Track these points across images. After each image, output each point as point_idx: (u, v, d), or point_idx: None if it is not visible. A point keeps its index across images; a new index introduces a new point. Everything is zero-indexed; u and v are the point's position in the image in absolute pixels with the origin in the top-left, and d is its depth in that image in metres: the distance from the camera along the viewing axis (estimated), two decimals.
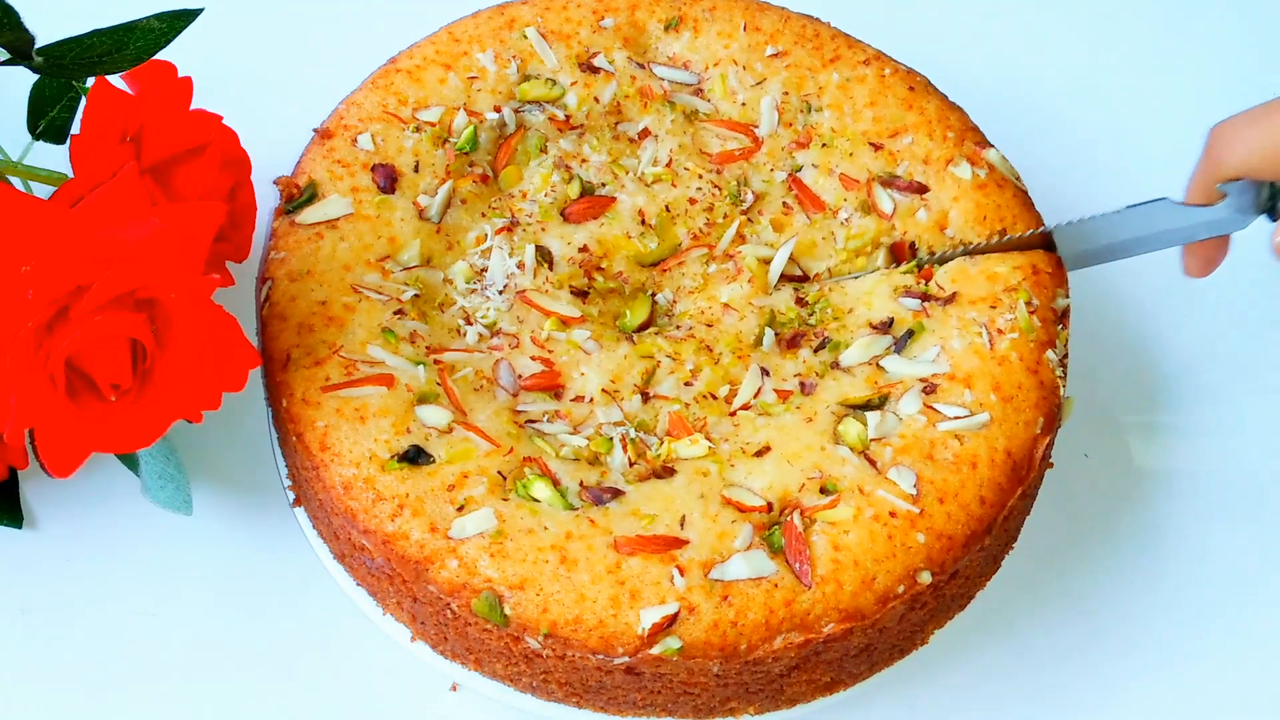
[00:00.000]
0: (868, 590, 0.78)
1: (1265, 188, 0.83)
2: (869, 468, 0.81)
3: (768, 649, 0.77)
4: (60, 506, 0.92)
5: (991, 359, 0.84)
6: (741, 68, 0.94)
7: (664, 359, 0.86)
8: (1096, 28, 1.14)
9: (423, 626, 0.83)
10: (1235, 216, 0.85)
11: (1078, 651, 0.91)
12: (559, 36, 0.94)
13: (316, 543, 0.86)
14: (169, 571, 0.91)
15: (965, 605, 0.87)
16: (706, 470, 0.81)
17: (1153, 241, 0.88)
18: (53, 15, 0.83)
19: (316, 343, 0.83)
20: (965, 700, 0.90)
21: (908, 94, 0.93)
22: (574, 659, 0.78)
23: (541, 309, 0.86)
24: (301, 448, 0.81)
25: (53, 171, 0.84)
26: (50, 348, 0.73)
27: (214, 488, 0.93)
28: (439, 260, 0.88)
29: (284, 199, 0.88)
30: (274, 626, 0.90)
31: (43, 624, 0.89)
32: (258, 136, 0.87)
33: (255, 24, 1.09)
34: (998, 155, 0.91)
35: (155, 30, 0.80)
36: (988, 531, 0.81)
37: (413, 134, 0.90)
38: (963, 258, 0.88)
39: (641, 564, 0.77)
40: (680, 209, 0.90)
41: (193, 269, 0.75)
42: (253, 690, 0.88)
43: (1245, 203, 0.84)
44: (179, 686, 0.88)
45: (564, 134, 0.92)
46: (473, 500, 0.79)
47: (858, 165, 0.91)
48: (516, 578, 0.77)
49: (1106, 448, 0.97)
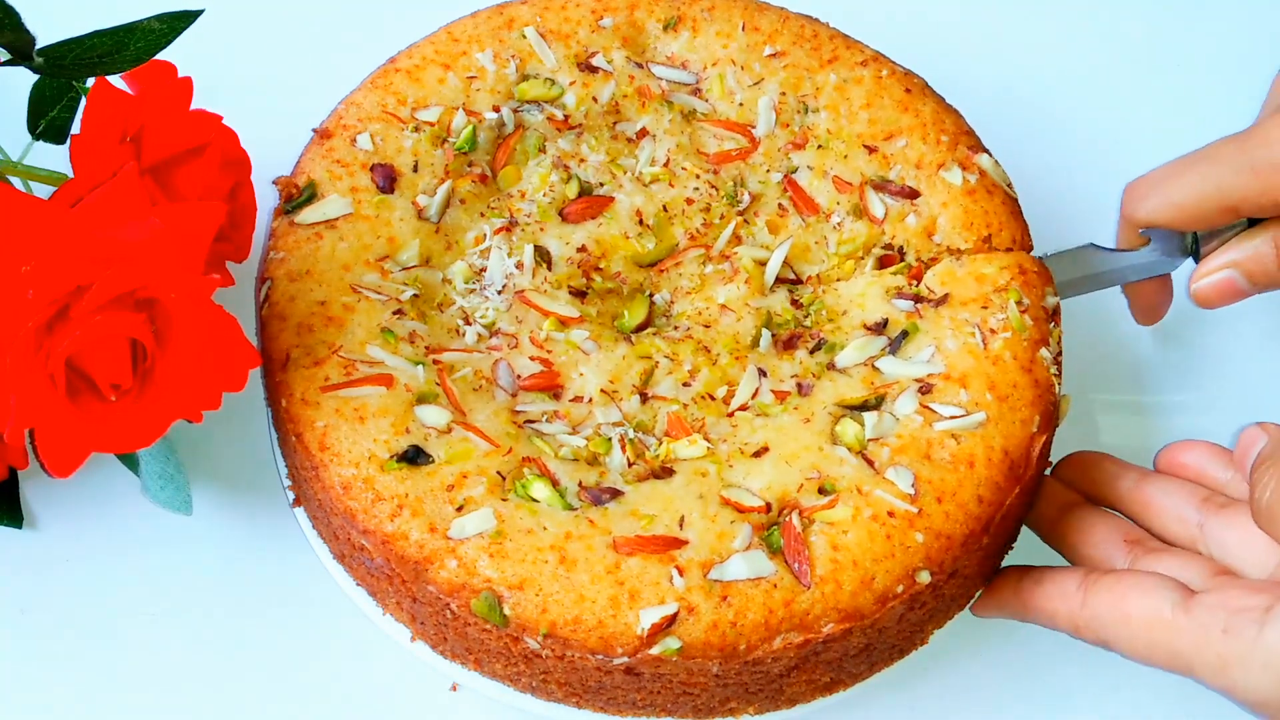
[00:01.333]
0: (867, 590, 0.78)
1: (1187, 233, 0.89)
2: (867, 468, 0.81)
3: (767, 649, 0.77)
4: (60, 506, 0.92)
5: (986, 358, 0.84)
6: (739, 68, 0.94)
7: (662, 359, 0.86)
8: (1098, 30, 1.14)
9: (422, 627, 0.83)
10: (1162, 259, 0.91)
11: (1077, 651, 0.90)
12: (558, 36, 0.94)
13: (316, 543, 0.87)
14: (169, 571, 0.91)
15: (965, 605, 0.87)
16: (705, 470, 0.81)
17: (1084, 285, 0.92)
18: (53, 15, 0.82)
19: (316, 343, 0.83)
20: (965, 700, 0.90)
21: (904, 96, 0.93)
22: (573, 659, 0.78)
23: (540, 309, 0.86)
24: (301, 448, 0.81)
25: (53, 171, 0.84)
26: (50, 348, 0.73)
27: (214, 488, 0.93)
28: (438, 260, 0.88)
29: (283, 199, 0.88)
30: (274, 627, 0.90)
31: (43, 624, 0.90)
32: (258, 136, 0.87)
33: (255, 24, 1.09)
34: (990, 161, 0.91)
35: (155, 31, 0.80)
36: (986, 530, 0.81)
37: (412, 134, 0.90)
38: (949, 259, 0.88)
39: (640, 564, 0.77)
40: (677, 209, 0.91)
41: (193, 269, 0.75)
42: (253, 690, 0.88)
43: (1170, 247, 0.90)
44: (179, 686, 0.88)
45: (562, 134, 0.92)
46: (472, 500, 0.79)
47: (852, 168, 0.91)
48: (516, 578, 0.77)
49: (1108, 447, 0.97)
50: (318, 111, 0.92)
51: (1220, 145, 0.84)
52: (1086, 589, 0.80)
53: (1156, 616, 0.76)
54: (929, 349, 0.85)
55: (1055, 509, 0.87)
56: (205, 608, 0.90)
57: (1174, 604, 0.76)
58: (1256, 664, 0.73)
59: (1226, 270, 0.87)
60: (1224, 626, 0.74)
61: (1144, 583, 0.78)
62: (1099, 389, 0.99)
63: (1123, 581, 0.79)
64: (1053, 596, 0.81)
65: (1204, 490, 0.84)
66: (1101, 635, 0.79)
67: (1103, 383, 0.99)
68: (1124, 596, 0.78)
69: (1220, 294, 0.88)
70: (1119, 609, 0.78)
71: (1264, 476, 0.77)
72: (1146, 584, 0.78)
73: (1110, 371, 1.00)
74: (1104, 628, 0.79)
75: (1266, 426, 0.80)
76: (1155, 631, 0.76)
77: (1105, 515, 0.86)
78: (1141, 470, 0.87)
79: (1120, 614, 0.78)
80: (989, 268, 0.87)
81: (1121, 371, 1.00)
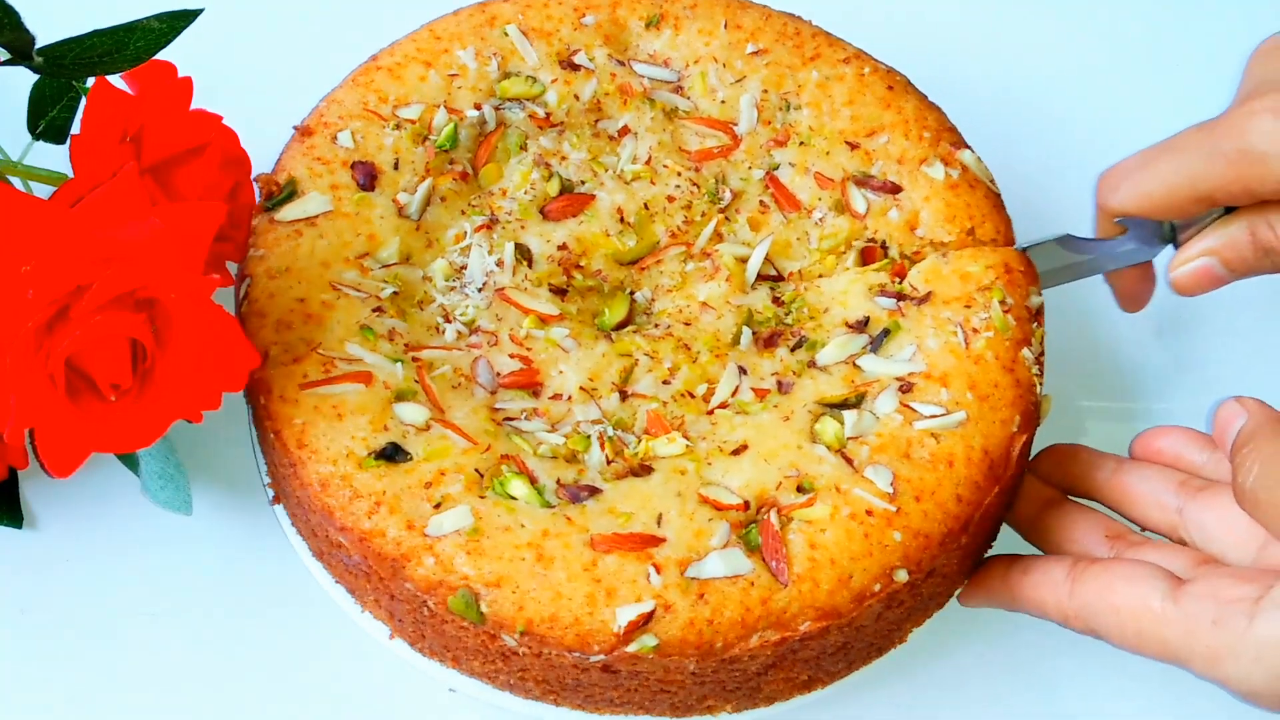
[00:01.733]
0: (844, 588, 0.78)
1: (1164, 222, 0.89)
2: (846, 466, 0.81)
3: (744, 647, 0.77)
4: (60, 506, 0.92)
5: (967, 357, 0.84)
6: (722, 65, 0.94)
7: (642, 357, 0.86)
8: (1080, 27, 1.14)
9: (400, 624, 0.83)
10: (1140, 248, 0.90)
11: (1057, 651, 0.91)
12: (540, 34, 0.94)
13: (295, 540, 0.86)
14: (169, 571, 0.91)
15: (944, 604, 0.87)
16: (684, 468, 0.81)
17: (1062, 275, 0.91)
18: (53, 15, 0.82)
19: (295, 340, 0.83)
20: (944, 698, 0.90)
21: (886, 93, 0.93)
22: (550, 657, 0.78)
23: (520, 307, 0.86)
24: (279, 445, 0.81)
25: (53, 171, 0.84)
26: (50, 348, 0.73)
27: (214, 488, 0.93)
28: (418, 258, 0.88)
29: (263, 196, 0.88)
30: (274, 626, 0.90)
31: (43, 624, 0.89)
32: (258, 136, 0.87)
33: (256, 24, 1.09)
34: (972, 156, 0.91)
35: (155, 30, 0.80)
36: (965, 530, 0.81)
37: (393, 131, 0.90)
38: (935, 256, 0.88)
39: (618, 562, 0.77)
40: (659, 207, 0.90)
41: (193, 269, 0.75)
42: (254, 690, 0.88)
43: (1147, 235, 0.89)
44: (180, 686, 0.88)
45: (544, 131, 0.92)
46: (450, 498, 0.79)
47: (834, 164, 0.91)
48: (493, 575, 0.77)
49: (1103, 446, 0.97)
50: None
51: (1190, 134, 0.84)
52: (1074, 578, 0.79)
53: (1144, 607, 0.76)
54: (910, 347, 0.85)
55: (1035, 506, 0.87)
56: (205, 607, 0.90)
57: (1162, 594, 0.76)
58: (1248, 656, 0.73)
59: (1203, 258, 0.86)
60: (1213, 618, 0.74)
61: (1132, 573, 0.77)
62: (1083, 389, 0.99)
63: (1109, 571, 0.78)
64: (1040, 585, 0.81)
65: (1181, 474, 0.84)
66: (1091, 625, 0.79)
67: (1087, 383, 0.99)
68: (1111, 586, 0.77)
69: (1198, 281, 0.87)
70: (1107, 599, 0.77)
71: (1246, 459, 0.77)
72: (1134, 574, 0.77)
73: (1095, 371, 1.00)
74: (1093, 617, 0.78)
75: (1244, 401, 0.79)
76: (1144, 622, 0.76)
77: (1085, 511, 0.86)
78: (1118, 459, 0.87)
79: (1108, 604, 0.77)
80: (974, 266, 0.87)
81: (1105, 371, 1.00)
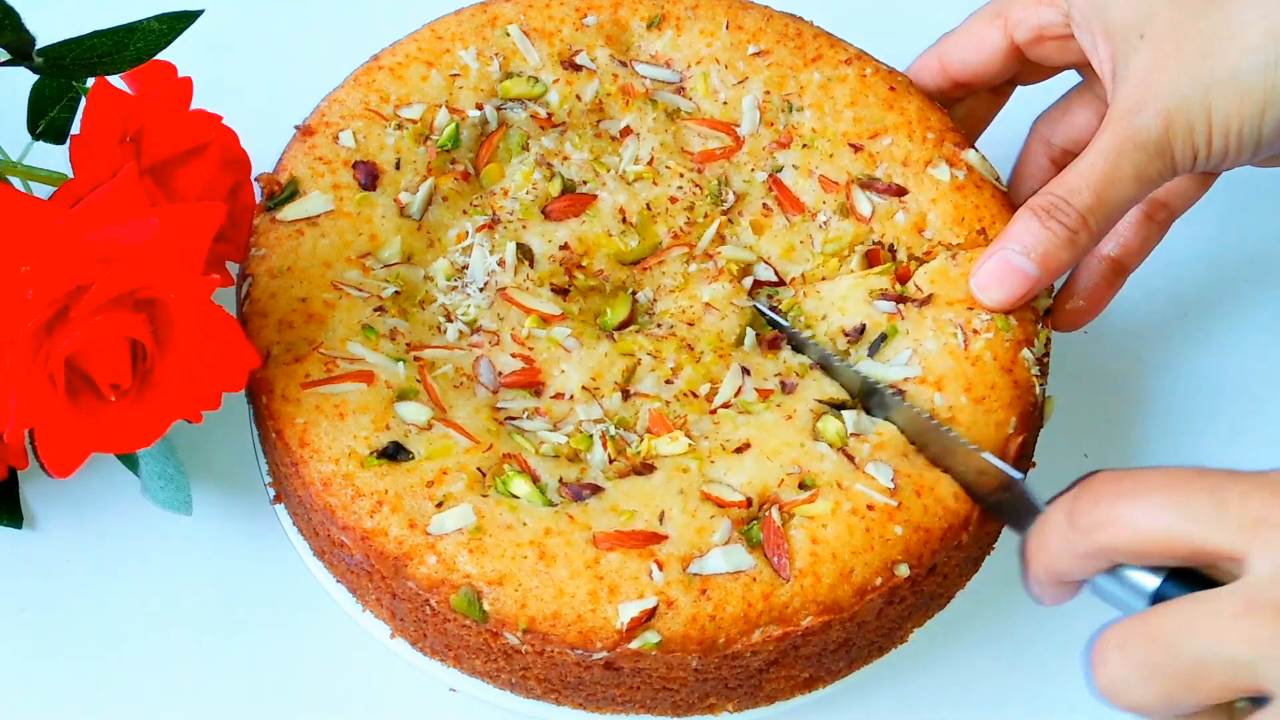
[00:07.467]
0: (846, 583, 0.78)
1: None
2: (847, 463, 0.81)
3: (746, 642, 0.77)
4: (60, 506, 0.92)
5: (965, 359, 0.84)
6: (723, 66, 0.94)
7: (645, 357, 0.86)
8: None
9: (402, 623, 0.82)
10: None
11: (1058, 653, 0.90)
12: (541, 34, 0.94)
13: (297, 539, 0.86)
14: (169, 571, 0.91)
15: (945, 604, 0.87)
16: (686, 467, 0.81)
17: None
18: (53, 15, 0.83)
19: (297, 339, 0.83)
20: (945, 698, 0.90)
21: (888, 94, 0.93)
22: (553, 654, 0.77)
23: (522, 306, 0.86)
24: (281, 444, 0.81)
25: (53, 171, 0.84)
26: (50, 348, 0.73)
27: (214, 488, 0.93)
28: (420, 257, 0.88)
29: (265, 195, 0.88)
30: (275, 626, 0.90)
31: (43, 624, 0.89)
32: (258, 136, 0.87)
33: (256, 24, 1.09)
34: (977, 156, 0.91)
35: (155, 31, 0.80)
36: (965, 527, 0.81)
37: (394, 131, 0.90)
38: (944, 258, 0.88)
39: (620, 559, 0.77)
40: (661, 207, 0.90)
41: (193, 269, 0.75)
42: (254, 690, 0.88)
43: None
44: (180, 686, 0.88)
45: (546, 132, 0.92)
46: (452, 496, 0.79)
47: (837, 167, 0.91)
48: (495, 573, 0.77)
49: (1105, 448, 0.97)
50: None
51: None
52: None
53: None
54: (906, 352, 0.85)
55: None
56: (205, 607, 0.90)
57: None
58: None
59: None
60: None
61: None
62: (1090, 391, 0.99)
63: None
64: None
65: None
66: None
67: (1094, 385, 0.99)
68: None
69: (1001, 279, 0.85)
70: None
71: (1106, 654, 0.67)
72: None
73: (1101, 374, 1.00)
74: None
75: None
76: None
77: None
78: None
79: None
80: None
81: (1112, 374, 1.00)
